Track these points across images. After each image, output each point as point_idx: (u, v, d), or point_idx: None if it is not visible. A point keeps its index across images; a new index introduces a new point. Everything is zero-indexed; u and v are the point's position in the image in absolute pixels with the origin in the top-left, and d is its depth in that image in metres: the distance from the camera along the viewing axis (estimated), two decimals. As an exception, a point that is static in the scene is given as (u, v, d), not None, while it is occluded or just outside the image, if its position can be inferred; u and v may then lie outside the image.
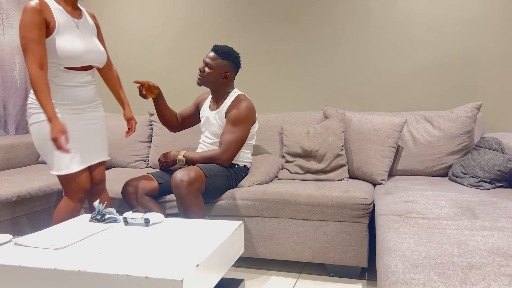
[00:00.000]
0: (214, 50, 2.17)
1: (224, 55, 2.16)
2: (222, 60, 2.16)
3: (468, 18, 2.54)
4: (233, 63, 2.20)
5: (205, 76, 2.18)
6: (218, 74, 2.17)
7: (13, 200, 2.20)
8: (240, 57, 2.23)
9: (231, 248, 1.49)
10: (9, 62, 3.13)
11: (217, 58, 2.16)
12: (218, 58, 2.16)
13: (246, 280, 2.05)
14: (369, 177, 2.25)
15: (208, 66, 2.16)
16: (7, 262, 1.26)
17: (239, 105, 2.15)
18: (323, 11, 2.79)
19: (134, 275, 1.13)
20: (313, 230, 2.02)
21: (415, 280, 0.98)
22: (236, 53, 2.21)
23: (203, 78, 2.18)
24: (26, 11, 1.80)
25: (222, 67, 2.17)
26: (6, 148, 2.84)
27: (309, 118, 2.61)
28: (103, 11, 3.30)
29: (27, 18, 1.80)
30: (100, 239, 1.45)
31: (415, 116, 2.45)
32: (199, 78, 2.19)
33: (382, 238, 1.35)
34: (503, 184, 1.96)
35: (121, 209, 2.28)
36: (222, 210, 2.12)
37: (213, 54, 2.17)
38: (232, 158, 2.14)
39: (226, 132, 2.13)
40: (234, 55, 2.19)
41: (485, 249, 1.14)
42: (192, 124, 2.44)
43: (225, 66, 2.17)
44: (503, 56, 2.51)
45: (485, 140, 2.14)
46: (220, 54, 2.16)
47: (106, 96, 3.36)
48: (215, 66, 2.16)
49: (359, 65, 2.76)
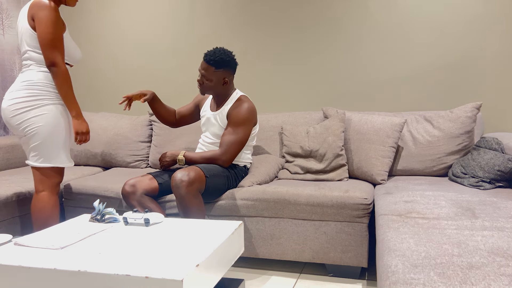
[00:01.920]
0: (207, 61, 2.11)
1: (217, 65, 2.11)
2: (216, 70, 2.12)
3: (468, 18, 2.54)
4: (229, 68, 2.16)
5: (205, 87, 2.18)
6: (216, 83, 2.16)
7: (13, 200, 2.20)
8: (233, 56, 2.17)
9: (231, 248, 1.49)
10: (9, 62, 3.14)
11: (211, 69, 2.12)
12: (212, 68, 2.11)
13: (246, 280, 2.05)
14: (369, 177, 2.25)
15: (205, 77, 2.15)
16: (7, 262, 1.26)
17: (241, 106, 2.15)
18: (323, 11, 2.79)
19: (134, 275, 1.13)
20: (313, 230, 2.02)
21: (415, 280, 0.98)
22: (229, 56, 2.14)
23: (203, 89, 2.19)
24: (50, 9, 1.88)
25: (219, 75, 2.14)
26: (6, 148, 2.84)
27: (309, 118, 2.61)
28: (103, 11, 3.30)
29: (53, 15, 1.89)
30: (100, 239, 1.45)
31: (415, 116, 2.45)
32: (200, 89, 2.19)
33: (382, 238, 1.35)
34: (503, 184, 1.96)
35: (121, 209, 2.29)
36: (222, 210, 2.12)
37: (206, 65, 2.12)
38: (232, 159, 2.14)
39: (227, 133, 2.13)
40: (227, 60, 2.12)
41: (485, 249, 1.14)
42: (190, 122, 2.45)
43: (222, 73, 2.15)
44: (503, 56, 2.51)
45: (485, 140, 2.14)
46: (213, 65, 2.10)
47: (107, 96, 3.36)
48: (211, 77, 2.14)
49: (359, 65, 2.76)
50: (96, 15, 3.31)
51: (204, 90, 2.19)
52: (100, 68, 3.36)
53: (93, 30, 3.33)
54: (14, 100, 1.93)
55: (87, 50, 3.38)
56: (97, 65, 3.36)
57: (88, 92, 3.41)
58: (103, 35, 3.31)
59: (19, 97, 1.92)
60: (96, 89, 3.38)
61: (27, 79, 1.94)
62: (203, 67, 2.13)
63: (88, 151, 2.93)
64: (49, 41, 1.87)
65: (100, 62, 3.35)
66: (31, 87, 1.93)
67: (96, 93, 3.39)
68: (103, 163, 2.94)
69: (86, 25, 3.35)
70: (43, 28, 1.87)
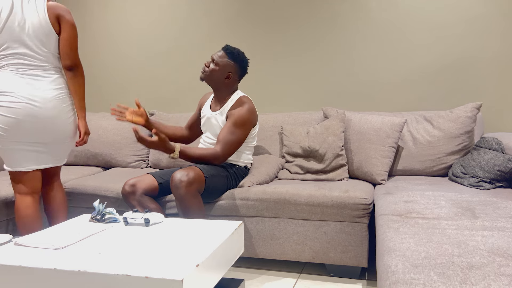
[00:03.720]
0: (224, 49, 2.19)
1: (231, 55, 2.17)
2: (228, 59, 2.17)
3: (468, 18, 2.54)
4: (239, 66, 2.20)
5: (209, 72, 2.18)
6: (221, 72, 2.17)
7: (13, 200, 2.20)
8: (248, 63, 2.23)
9: (231, 248, 1.49)
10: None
11: (224, 57, 2.17)
12: (226, 56, 2.17)
13: (246, 280, 2.05)
14: (369, 177, 2.25)
15: (214, 62, 2.18)
16: (7, 262, 1.26)
17: (242, 107, 2.15)
18: (323, 11, 2.79)
19: (134, 275, 1.13)
20: (313, 230, 2.02)
21: (415, 280, 0.98)
22: (245, 58, 2.21)
23: (206, 73, 2.19)
24: (71, 13, 2.05)
25: (226, 66, 2.17)
26: (6, 148, 2.84)
27: (309, 118, 2.61)
28: (102, 11, 3.30)
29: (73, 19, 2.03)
30: (100, 239, 1.45)
31: (415, 116, 2.45)
32: (203, 72, 2.20)
33: (382, 238, 1.35)
34: (503, 184, 1.96)
35: (121, 209, 2.29)
36: (222, 210, 2.12)
37: (221, 52, 2.19)
38: (227, 158, 2.13)
39: (225, 131, 2.12)
40: (241, 58, 2.19)
41: (485, 249, 1.14)
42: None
43: (230, 66, 2.18)
44: (503, 56, 2.51)
45: (485, 140, 2.14)
46: (228, 54, 2.17)
47: (107, 96, 3.36)
48: (220, 64, 2.17)
49: (359, 65, 2.76)
50: (96, 16, 3.31)
51: (206, 76, 2.19)
52: (100, 68, 3.36)
53: (93, 30, 3.33)
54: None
55: (86, 50, 3.38)
56: (97, 65, 3.36)
57: (88, 92, 3.41)
58: (103, 35, 3.31)
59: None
60: (96, 89, 3.38)
61: (62, 85, 2.00)
62: (217, 52, 2.20)
63: (88, 151, 2.93)
64: (76, 44, 2.00)
65: (100, 62, 3.35)
66: (63, 89, 2.01)
67: (96, 93, 3.39)
68: (103, 163, 2.94)
69: (86, 25, 3.35)
70: (72, 31, 1.98)
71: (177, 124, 2.82)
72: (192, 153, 2.05)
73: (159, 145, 1.94)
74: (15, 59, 1.89)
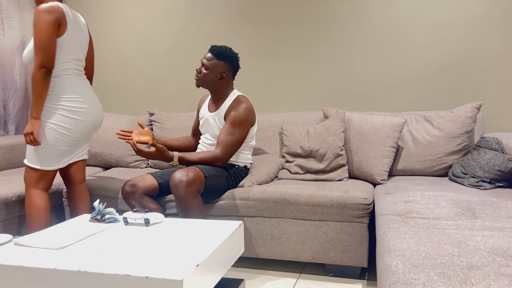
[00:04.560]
0: (211, 51, 2.17)
1: (219, 56, 2.15)
2: (217, 60, 2.15)
3: (468, 18, 2.54)
4: (230, 64, 2.18)
5: (202, 77, 2.18)
6: (214, 74, 2.16)
7: (13, 200, 2.20)
8: (238, 57, 2.21)
9: (231, 248, 1.49)
10: (9, 62, 3.13)
11: (213, 59, 2.15)
12: (214, 58, 2.15)
13: (246, 280, 2.05)
14: (369, 177, 2.25)
15: (204, 66, 2.16)
16: (7, 262, 1.26)
17: (239, 106, 2.15)
18: (323, 11, 2.79)
19: (134, 275, 1.13)
20: (313, 230, 2.02)
21: (415, 280, 0.98)
22: (233, 54, 2.18)
23: (199, 79, 2.19)
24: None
25: (217, 67, 2.16)
26: (6, 148, 2.84)
27: (309, 118, 2.61)
28: (102, 11, 3.30)
29: None
30: (100, 239, 1.45)
31: (415, 116, 2.45)
32: (196, 79, 2.20)
33: (382, 238, 1.35)
34: (503, 184, 1.96)
35: (121, 209, 2.29)
36: (222, 210, 2.12)
37: (209, 54, 2.16)
38: (228, 159, 2.14)
39: (224, 133, 2.12)
40: (230, 55, 2.16)
41: (485, 249, 1.14)
42: None
43: (221, 66, 2.16)
44: (503, 56, 2.51)
45: (485, 140, 2.14)
46: (216, 55, 2.15)
47: (107, 96, 3.36)
48: (210, 67, 2.15)
49: (359, 65, 2.76)
50: (96, 16, 3.31)
51: (200, 82, 2.19)
52: (99, 69, 3.36)
53: (92, 30, 3.33)
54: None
55: (87, 50, 3.37)
56: (96, 65, 3.36)
57: (88, 92, 3.41)
58: (103, 36, 3.31)
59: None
60: (96, 89, 3.38)
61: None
62: (205, 56, 2.18)
63: (88, 151, 2.93)
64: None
65: (99, 62, 3.35)
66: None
67: (96, 93, 3.39)
68: (103, 163, 2.94)
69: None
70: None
71: (177, 124, 2.82)
72: (191, 158, 2.07)
73: (158, 155, 1.99)
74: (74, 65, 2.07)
